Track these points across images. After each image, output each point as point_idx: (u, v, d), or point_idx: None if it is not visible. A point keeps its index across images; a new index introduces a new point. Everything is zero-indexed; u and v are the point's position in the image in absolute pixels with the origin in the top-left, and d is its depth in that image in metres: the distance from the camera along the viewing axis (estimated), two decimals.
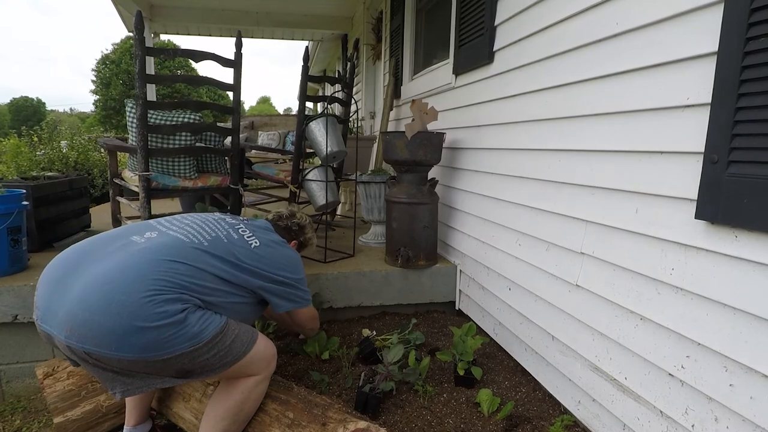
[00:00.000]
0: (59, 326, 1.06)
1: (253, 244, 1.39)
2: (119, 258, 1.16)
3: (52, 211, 2.53)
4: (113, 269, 1.12)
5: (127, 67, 24.87)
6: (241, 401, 1.31)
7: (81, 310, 1.06)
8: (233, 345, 1.22)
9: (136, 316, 1.06)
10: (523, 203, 1.86)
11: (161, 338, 1.07)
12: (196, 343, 1.12)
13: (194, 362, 1.15)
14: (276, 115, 7.64)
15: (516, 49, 1.92)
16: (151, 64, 5.97)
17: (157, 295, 1.09)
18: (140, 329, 1.05)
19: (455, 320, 2.40)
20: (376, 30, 4.81)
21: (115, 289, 1.08)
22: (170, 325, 1.08)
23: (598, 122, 1.44)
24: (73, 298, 1.08)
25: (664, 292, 1.18)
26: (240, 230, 1.41)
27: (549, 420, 1.59)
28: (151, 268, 1.14)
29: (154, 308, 1.07)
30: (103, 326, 1.04)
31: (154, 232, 1.29)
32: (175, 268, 1.17)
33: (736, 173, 0.96)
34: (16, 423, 1.79)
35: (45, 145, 5.51)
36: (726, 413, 1.01)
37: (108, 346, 1.05)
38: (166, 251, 1.20)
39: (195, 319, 1.13)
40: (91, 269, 1.13)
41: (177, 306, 1.11)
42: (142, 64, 2.11)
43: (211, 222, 1.40)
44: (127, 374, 1.13)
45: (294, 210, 1.77)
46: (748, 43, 0.93)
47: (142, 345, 1.06)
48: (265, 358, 1.33)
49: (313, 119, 2.64)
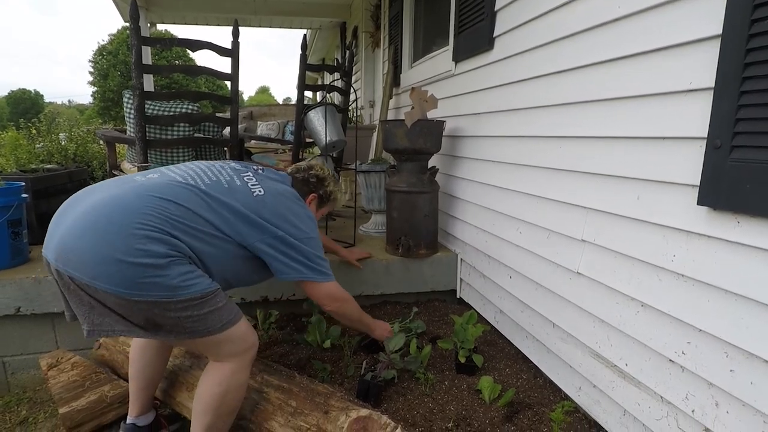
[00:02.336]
0: (53, 251, 1.10)
1: (257, 192, 1.30)
2: (114, 192, 1.17)
3: (52, 204, 2.52)
4: (105, 200, 1.14)
5: (125, 58, 24.64)
6: (221, 394, 1.24)
7: (69, 236, 1.08)
8: (210, 316, 1.15)
9: (116, 247, 1.05)
10: (523, 191, 1.85)
11: (137, 277, 1.05)
12: (170, 297, 1.08)
13: (164, 316, 1.10)
14: (275, 105, 7.59)
15: (516, 35, 1.89)
16: (148, 54, 5.93)
17: (140, 230, 1.08)
18: (117, 261, 1.05)
19: (456, 309, 2.41)
20: (374, 17, 4.75)
21: (101, 218, 1.09)
22: (148, 267, 1.06)
23: (599, 108, 1.42)
24: (67, 225, 1.11)
25: (666, 279, 1.18)
26: (245, 178, 1.34)
27: (550, 406, 1.60)
28: (140, 203, 1.13)
29: (135, 242, 1.06)
30: (84, 252, 1.06)
31: (157, 174, 1.28)
32: (165, 206, 1.14)
33: (739, 159, 0.95)
34: (22, 413, 1.81)
35: (44, 137, 5.49)
36: (726, 398, 1.02)
37: (86, 273, 1.05)
38: (159, 189, 1.18)
39: (177, 272, 1.10)
40: (85, 202, 1.15)
41: (160, 248, 1.09)
42: (139, 54, 2.09)
43: (216, 167, 1.35)
44: (99, 311, 1.11)
45: (313, 163, 1.66)
46: (753, 25, 0.91)
47: (118, 279, 1.05)
48: (241, 343, 1.25)
49: (312, 108, 2.62)
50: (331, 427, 1.26)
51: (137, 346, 1.49)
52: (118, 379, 1.76)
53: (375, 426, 1.23)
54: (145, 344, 1.48)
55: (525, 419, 1.55)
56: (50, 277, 1.21)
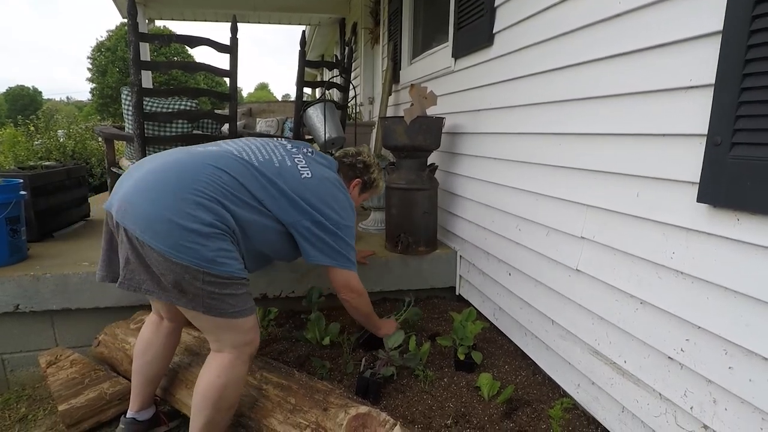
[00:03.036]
0: (116, 203, 1.20)
1: (305, 174, 1.38)
2: (177, 156, 1.28)
3: (50, 201, 2.52)
4: (166, 164, 1.24)
5: (123, 55, 24.52)
6: (220, 386, 1.25)
7: (133, 191, 1.19)
8: (227, 298, 1.21)
9: (169, 207, 1.15)
10: (523, 188, 1.85)
11: (181, 239, 1.13)
12: (203, 266, 1.15)
13: (191, 284, 1.16)
14: (274, 102, 7.57)
15: (516, 31, 1.88)
16: (146, 50, 5.90)
17: (193, 195, 1.18)
18: (168, 220, 1.13)
19: (455, 306, 2.41)
20: (374, 13, 4.73)
21: (159, 180, 1.20)
22: (192, 232, 1.14)
23: (598, 105, 1.42)
24: (130, 183, 1.22)
25: (665, 276, 1.18)
26: (296, 159, 1.41)
27: (549, 403, 1.60)
28: (197, 170, 1.23)
29: (186, 206, 1.16)
30: (141, 207, 1.16)
31: (215, 146, 1.38)
32: (219, 175, 1.24)
33: (740, 155, 0.95)
34: (21, 411, 1.81)
35: (42, 134, 5.48)
36: (725, 395, 1.02)
37: (139, 226, 1.14)
38: (215, 159, 1.28)
39: (216, 246, 1.17)
40: (153, 163, 1.26)
41: (207, 216, 1.17)
42: (136, 50, 2.08)
43: (270, 145, 1.43)
44: (135, 266, 1.20)
45: (361, 149, 1.73)
46: (754, 21, 0.91)
47: (164, 237, 1.13)
48: (244, 336, 1.28)
49: (311, 105, 2.61)
50: (330, 424, 1.26)
51: (142, 342, 1.50)
52: (117, 376, 1.76)
53: (374, 423, 1.23)
54: (150, 340, 1.49)
55: (524, 416, 1.55)
56: (104, 229, 1.33)
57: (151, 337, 1.49)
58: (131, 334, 1.84)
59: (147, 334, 1.49)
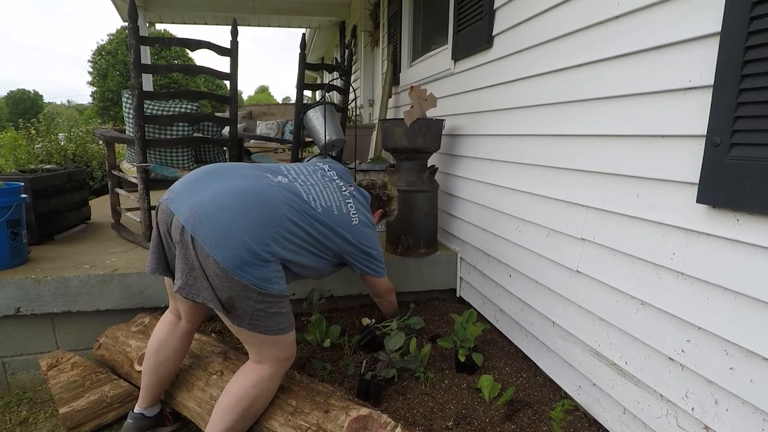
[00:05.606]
0: (185, 208, 1.24)
1: (354, 221, 1.58)
2: (257, 183, 1.35)
3: (51, 204, 2.52)
4: (250, 188, 1.32)
5: (124, 58, 24.60)
6: (254, 396, 1.31)
7: (210, 203, 1.24)
8: (273, 317, 1.28)
9: (250, 233, 1.23)
10: (523, 189, 1.85)
11: (247, 260, 1.21)
12: (258, 285, 1.22)
13: (244, 300, 1.23)
14: (274, 105, 7.59)
15: (515, 33, 1.89)
16: (147, 54, 5.92)
17: (278, 236, 1.29)
18: (243, 242, 1.21)
19: (456, 307, 2.41)
20: (373, 16, 4.74)
21: (245, 204, 1.26)
22: (260, 257, 1.24)
23: (598, 107, 1.42)
24: (208, 193, 1.27)
25: (665, 277, 1.18)
26: (349, 205, 1.59)
27: (550, 405, 1.60)
28: (282, 209, 1.33)
29: (266, 238, 1.26)
30: (219, 223, 1.21)
31: (286, 179, 1.47)
32: (292, 230, 1.34)
33: (739, 156, 0.95)
34: (22, 414, 1.81)
35: (43, 137, 5.49)
36: (726, 396, 1.02)
37: (211, 240, 1.19)
38: (291, 203, 1.37)
39: (274, 268, 1.28)
40: (230, 180, 1.33)
41: (275, 249, 1.28)
42: (137, 53, 2.09)
43: (330, 191, 1.56)
44: (197, 274, 1.23)
45: (386, 181, 1.94)
46: (752, 23, 0.91)
47: (233, 255, 1.19)
48: (284, 351, 1.36)
49: (312, 108, 2.62)
50: (331, 426, 1.26)
51: (156, 340, 1.50)
52: (118, 379, 1.76)
53: (375, 425, 1.23)
54: (163, 341, 1.49)
55: (525, 418, 1.55)
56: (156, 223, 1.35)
57: (166, 337, 1.49)
58: (132, 336, 1.84)
59: (162, 333, 1.50)
